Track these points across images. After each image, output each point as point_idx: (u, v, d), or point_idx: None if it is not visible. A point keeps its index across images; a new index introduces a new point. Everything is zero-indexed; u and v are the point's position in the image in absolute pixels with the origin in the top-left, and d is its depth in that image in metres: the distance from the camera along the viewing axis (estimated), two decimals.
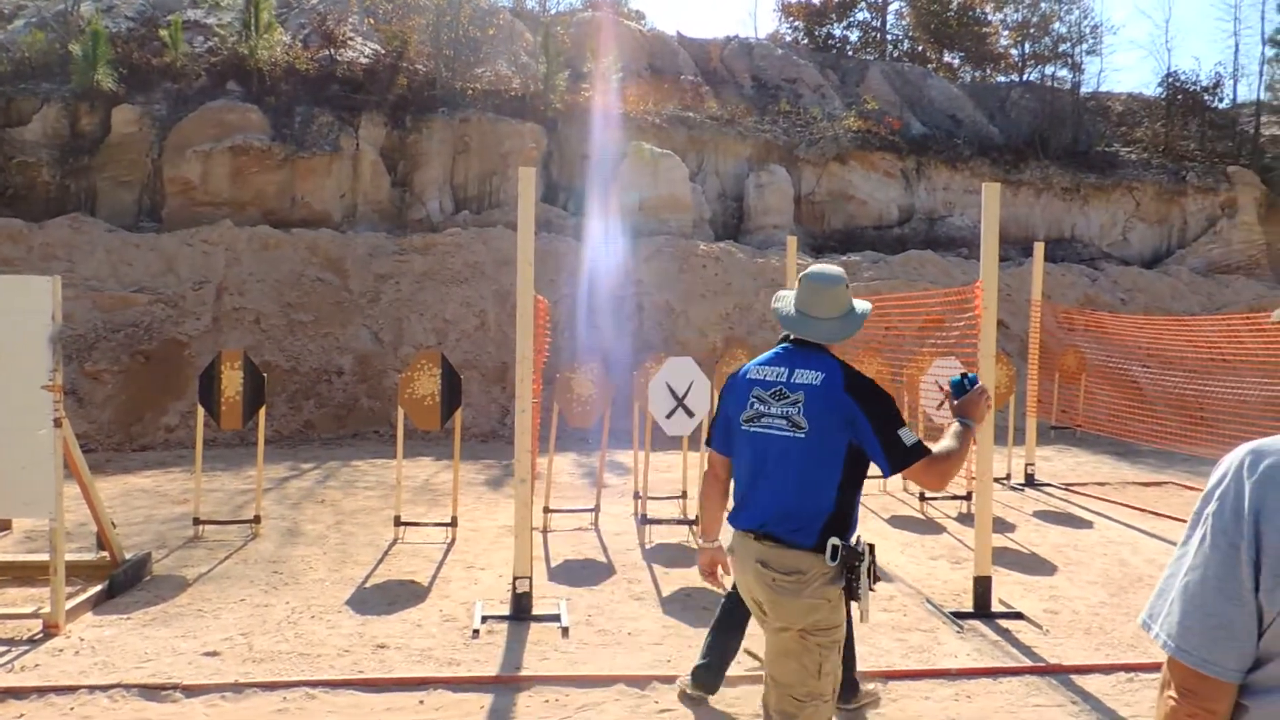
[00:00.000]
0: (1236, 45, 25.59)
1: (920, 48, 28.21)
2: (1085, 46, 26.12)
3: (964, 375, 3.08)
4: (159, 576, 6.36)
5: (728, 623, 4.42)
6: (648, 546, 7.39)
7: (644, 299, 15.55)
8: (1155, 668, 4.86)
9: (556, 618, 5.54)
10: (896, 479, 9.97)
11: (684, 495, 8.12)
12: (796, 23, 28.43)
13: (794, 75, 23.29)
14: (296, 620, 5.49)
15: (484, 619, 5.51)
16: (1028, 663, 4.96)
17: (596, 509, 8.24)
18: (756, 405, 2.98)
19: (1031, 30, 26.60)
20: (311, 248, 14.98)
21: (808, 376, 2.91)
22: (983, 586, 5.82)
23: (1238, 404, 10.76)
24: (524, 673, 4.74)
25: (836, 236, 19.86)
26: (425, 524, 7.64)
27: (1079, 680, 4.74)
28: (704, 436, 3.80)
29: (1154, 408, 12.02)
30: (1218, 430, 10.43)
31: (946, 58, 28.37)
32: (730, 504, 3.13)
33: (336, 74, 17.89)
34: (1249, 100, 25.24)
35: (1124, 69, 54.24)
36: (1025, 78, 26.42)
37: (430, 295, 14.82)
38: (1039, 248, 11.16)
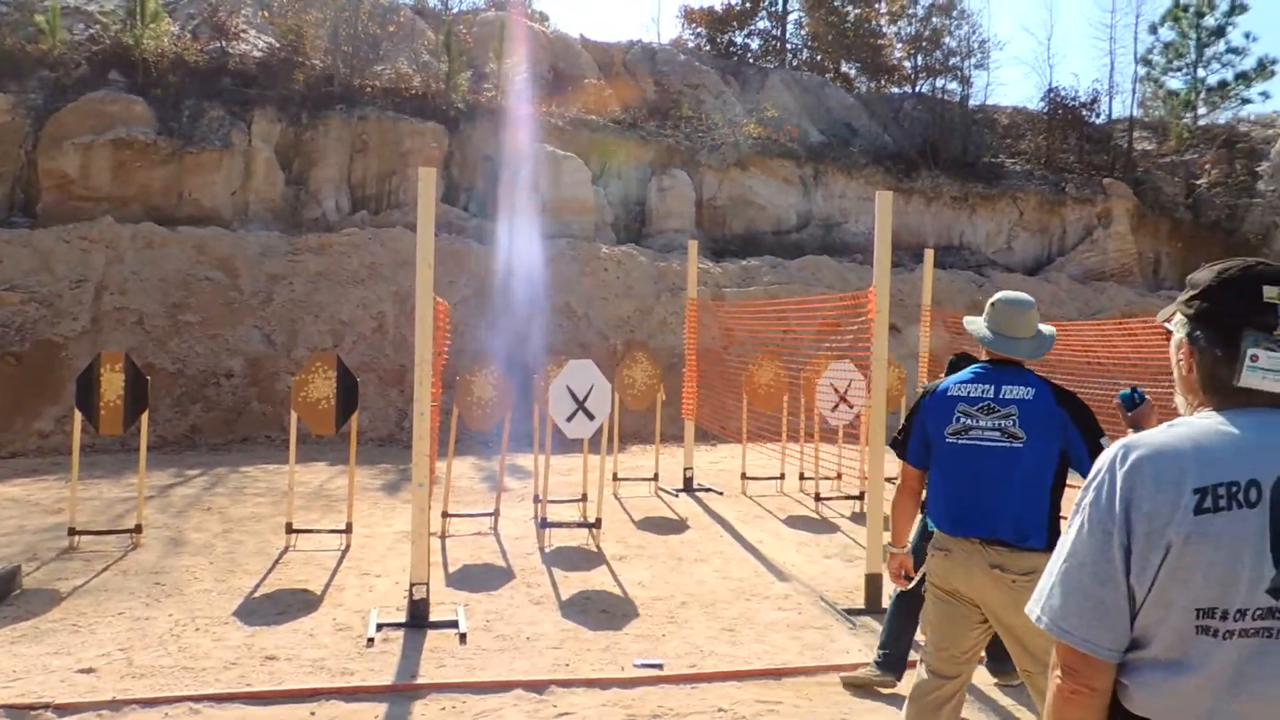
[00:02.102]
0: (1112, 64, 27.16)
1: (819, 57, 28.82)
2: (974, 61, 27.09)
3: (1133, 389, 3.26)
4: (29, 590, 6.04)
5: (905, 613, 4.68)
6: (548, 550, 7.36)
7: (546, 301, 15.49)
8: None
9: (454, 624, 5.48)
10: (793, 481, 10.17)
11: (584, 499, 8.12)
12: (699, 29, 28.72)
13: (696, 81, 23.54)
14: (180, 633, 5.28)
15: (379, 627, 5.40)
16: (914, 657, 5.11)
17: (496, 513, 8.17)
18: (964, 420, 3.28)
19: (924, 44, 27.46)
20: (200, 246, 14.45)
21: (1017, 392, 3.24)
22: (874, 583, 5.99)
23: (1111, 405, 11.32)
24: (420, 681, 4.67)
25: (737, 241, 20.14)
26: (318, 531, 7.45)
27: None
28: (604, 438, 3.84)
29: None
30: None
31: (844, 68, 29.06)
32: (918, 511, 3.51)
33: (228, 67, 17.28)
34: (1123, 116, 26.58)
35: (1009, 84, 56.48)
36: (918, 89, 27.26)
37: (326, 296, 14.47)
38: (929, 254, 11.54)
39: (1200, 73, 27.51)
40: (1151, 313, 17.26)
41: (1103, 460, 1.58)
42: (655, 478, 10.10)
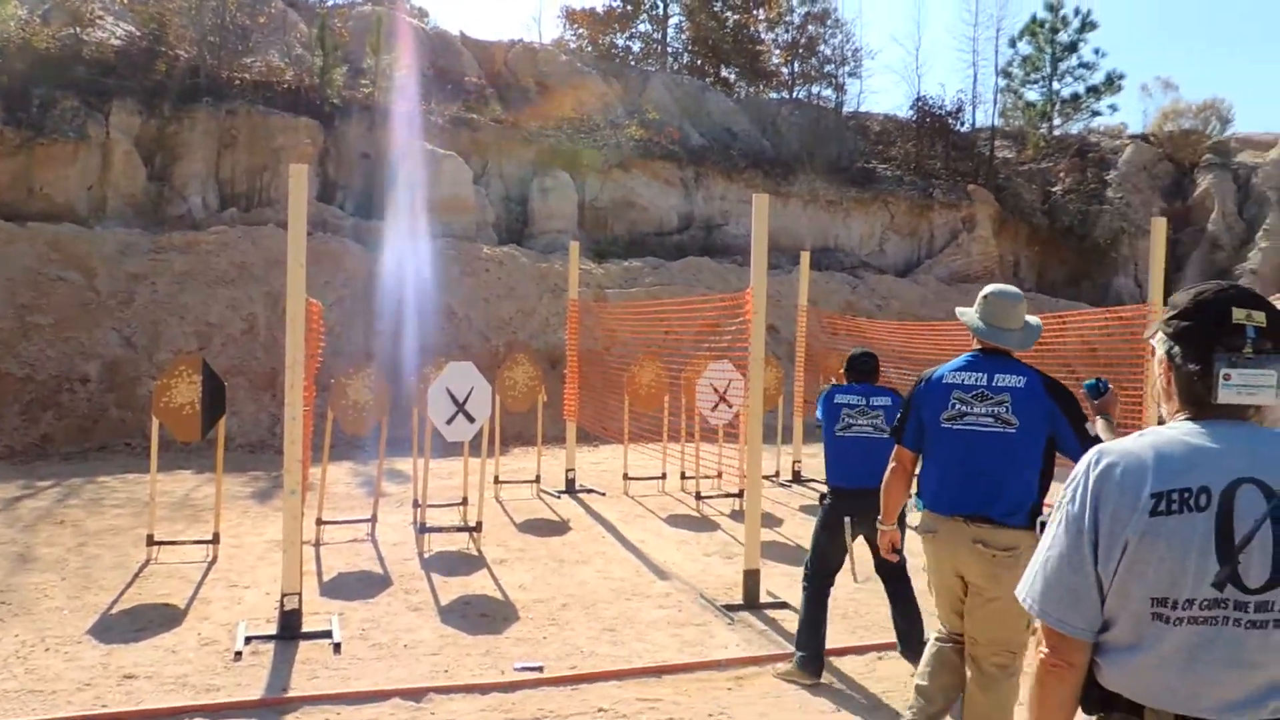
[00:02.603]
0: (975, 75, 28.34)
1: (699, 62, 29.23)
2: (847, 69, 28.03)
3: (1098, 380, 3.54)
4: None
5: (816, 600, 4.90)
6: (427, 555, 7.23)
7: (425, 302, 15.20)
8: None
9: (328, 634, 5.32)
10: (674, 481, 10.27)
11: (464, 502, 8.01)
12: (580, 30, 28.76)
13: (578, 82, 23.53)
14: (27, 655, 4.97)
15: (248, 640, 5.20)
16: (791, 649, 5.24)
17: (373, 519, 7.98)
18: (959, 406, 3.49)
19: (800, 51, 28.20)
20: (52, 243, 13.62)
21: (1009, 380, 3.44)
22: (752, 579, 6.10)
23: None
24: (291, 694, 4.52)
25: (620, 242, 20.23)
26: (182, 542, 7.13)
27: (836, 661, 5.07)
28: (484, 441, 3.88)
29: None
30: None
31: (723, 73, 29.56)
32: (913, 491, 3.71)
33: (83, 55, 16.34)
34: (985, 125, 27.87)
35: (881, 92, 58.75)
36: (795, 95, 27.96)
37: (192, 297, 13.85)
38: (805, 256, 11.84)
39: (1055, 85, 29.06)
40: None
41: (1080, 465, 1.79)
42: (537, 480, 10.05)
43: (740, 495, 9.14)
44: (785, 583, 6.65)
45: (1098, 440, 3.16)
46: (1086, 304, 20.93)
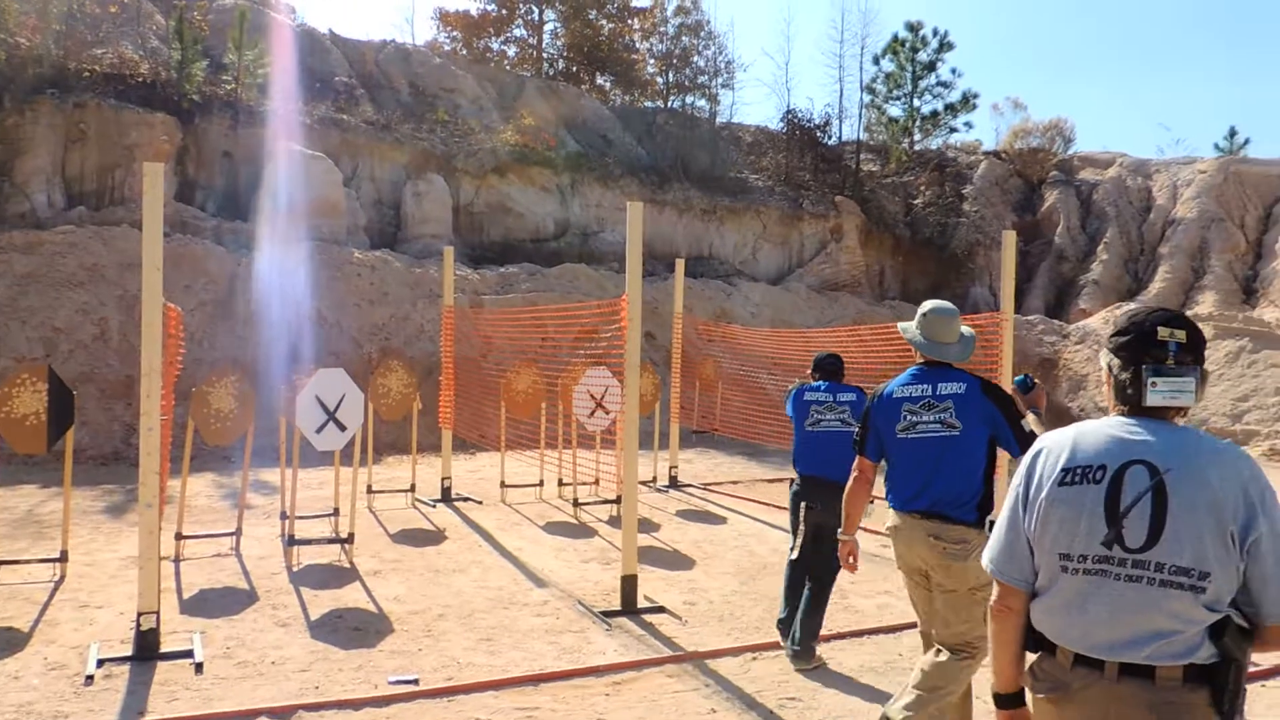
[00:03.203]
0: (841, 90, 29.17)
1: (575, 69, 29.30)
2: (720, 80, 28.56)
3: (1026, 376, 3.84)
4: None
5: (797, 582, 5.27)
6: (296, 569, 7.00)
7: (293, 308, 14.71)
8: (775, 646, 5.40)
9: (189, 653, 5.09)
10: (552, 488, 10.25)
11: (336, 513, 7.79)
12: (455, 33, 28.40)
13: (452, 85, 23.24)
14: None
15: (100, 663, 4.92)
16: (668, 652, 5.31)
17: (238, 532, 7.67)
18: (909, 417, 3.79)
19: (674, 61, 28.59)
20: None
21: (951, 388, 3.76)
22: (629, 585, 6.14)
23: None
24: (149, 717, 4.30)
25: (495, 248, 20.06)
26: (26, 561, 6.70)
27: (712, 664, 5.16)
28: (356, 450, 3.82)
29: (778, 411, 13.34)
30: None
31: (599, 80, 29.71)
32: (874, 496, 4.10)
33: None
34: (852, 139, 28.87)
35: (753, 104, 60.09)
36: (669, 105, 28.33)
37: (36, 300, 13.02)
38: (680, 264, 12.01)
39: (916, 102, 30.34)
40: (878, 321, 18.82)
41: (1032, 449, 2.23)
42: (412, 489, 9.86)
43: (618, 501, 9.21)
44: (662, 587, 6.73)
45: (1034, 435, 3.53)
46: None
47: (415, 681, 4.79)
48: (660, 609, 6.15)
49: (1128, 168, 27.72)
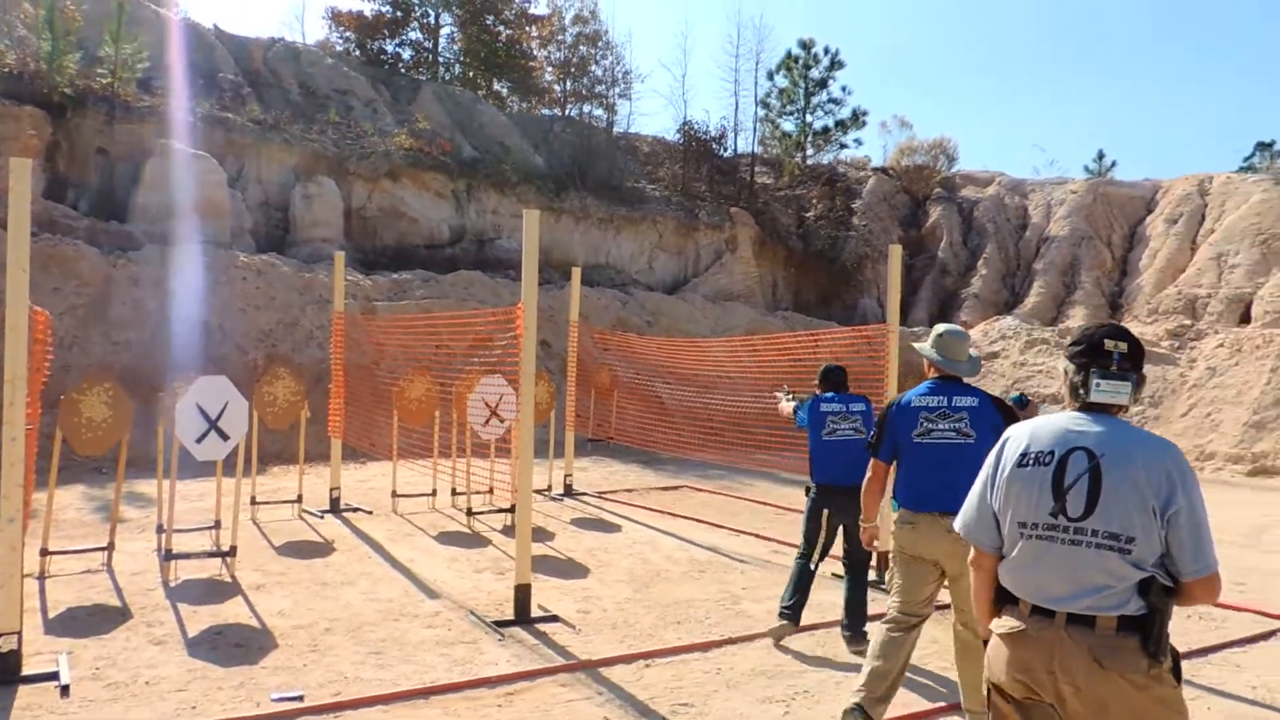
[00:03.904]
0: (736, 104, 29.83)
1: (471, 74, 29.03)
2: (618, 90, 28.76)
3: (1021, 394, 4.18)
4: None
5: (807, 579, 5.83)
6: (173, 585, 6.72)
7: (173, 312, 14.13)
8: (668, 652, 5.45)
9: (54, 675, 4.82)
10: (445, 497, 10.10)
11: (217, 525, 7.49)
12: (347, 33, 27.75)
13: (345, 86, 22.75)
14: None
15: None
16: (561, 661, 5.29)
17: (110, 547, 7.31)
18: (926, 424, 4.32)
19: (572, 70, 28.64)
20: None
21: (965, 401, 4.32)
22: (523, 594, 6.10)
23: (738, 415, 12.44)
24: None
25: (389, 253, 19.70)
26: None
27: (605, 672, 5.16)
28: (240, 460, 3.71)
29: (673, 419, 13.48)
30: (723, 438, 11.97)
31: (496, 86, 29.52)
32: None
33: None
34: (746, 152, 29.43)
35: (650, 114, 60.54)
36: (567, 113, 28.35)
37: None
38: (576, 272, 12.02)
39: (808, 118, 31.16)
40: (770, 330, 19.19)
41: (1001, 439, 2.71)
42: (299, 499, 9.58)
43: (512, 510, 9.13)
44: (556, 596, 6.71)
45: None
46: (836, 323, 22.51)
47: (300, 698, 4.65)
48: (554, 618, 6.13)
49: (1006, 186, 29.01)
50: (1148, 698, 2.37)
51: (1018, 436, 2.64)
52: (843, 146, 31.56)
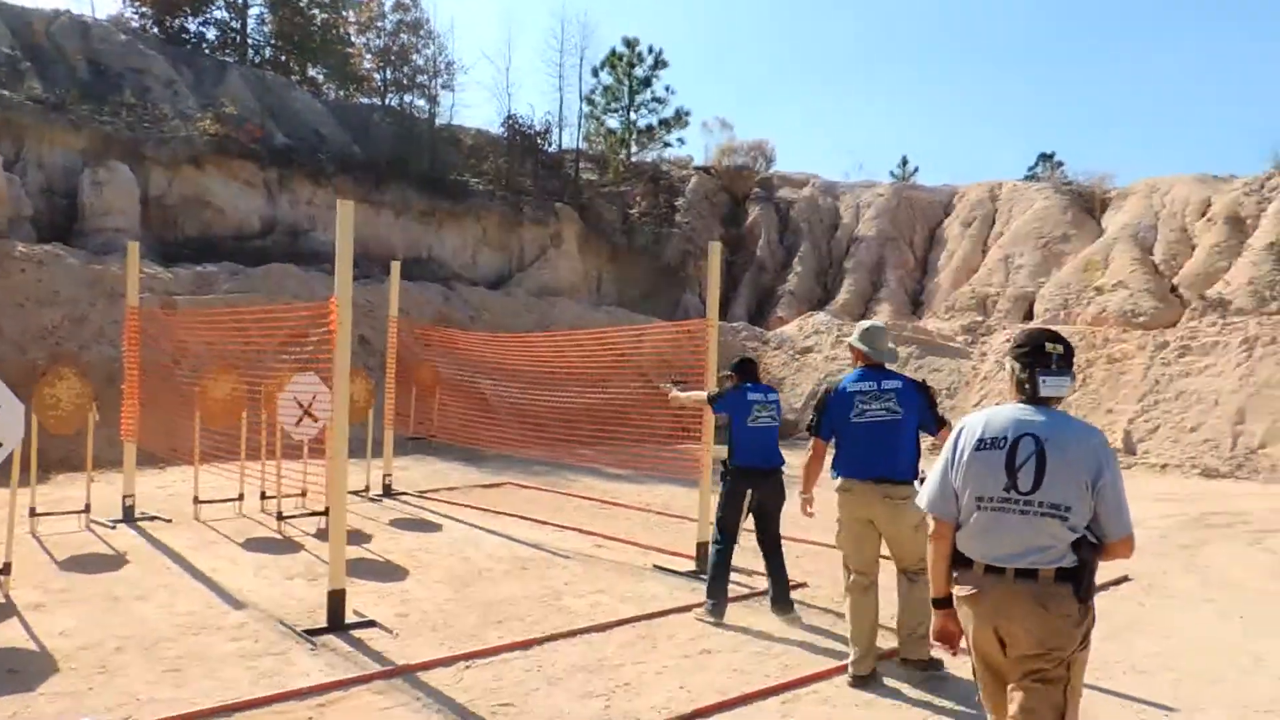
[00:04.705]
0: (561, 99, 29.69)
1: (284, 58, 27.67)
2: (440, 81, 28.07)
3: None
4: None
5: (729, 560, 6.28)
6: None
7: None
8: (488, 653, 5.37)
9: None
10: (254, 502, 9.59)
11: None
12: (143, 8, 25.81)
13: (141, 65, 21.20)
14: None
15: None
16: (378, 668, 5.11)
17: None
18: (861, 405, 5.06)
19: (392, 58, 27.77)
20: None
21: (891, 384, 5.11)
22: (337, 600, 5.85)
23: (563, 411, 12.42)
24: None
25: (192, 245, 18.52)
26: None
27: (424, 676, 5.02)
28: (15, 468, 3.42)
29: (497, 416, 13.31)
30: (546, 433, 11.91)
31: (310, 72, 28.27)
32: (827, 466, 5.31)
33: None
34: (571, 147, 29.45)
35: (473, 106, 59.76)
36: (386, 102, 27.49)
37: None
38: (396, 266, 11.67)
39: (632, 116, 31.51)
40: (595, 325, 19.28)
41: (957, 426, 3.21)
42: (87, 509, 8.83)
43: (326, 513, 8.76)
44: (373, 600, 6.48)
45: (944, 418, 5.23)
46: (660, 318, 22.89)
47: None
48: (371, 623, 5.91)
49: (819, 188, 30.32)
50: (1075, 634, 2.93)
51: (973, 425, 3.12)
52: (666, 145, 32.09)
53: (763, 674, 5.16)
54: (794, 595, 6.46)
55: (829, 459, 5.32)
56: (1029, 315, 22.63)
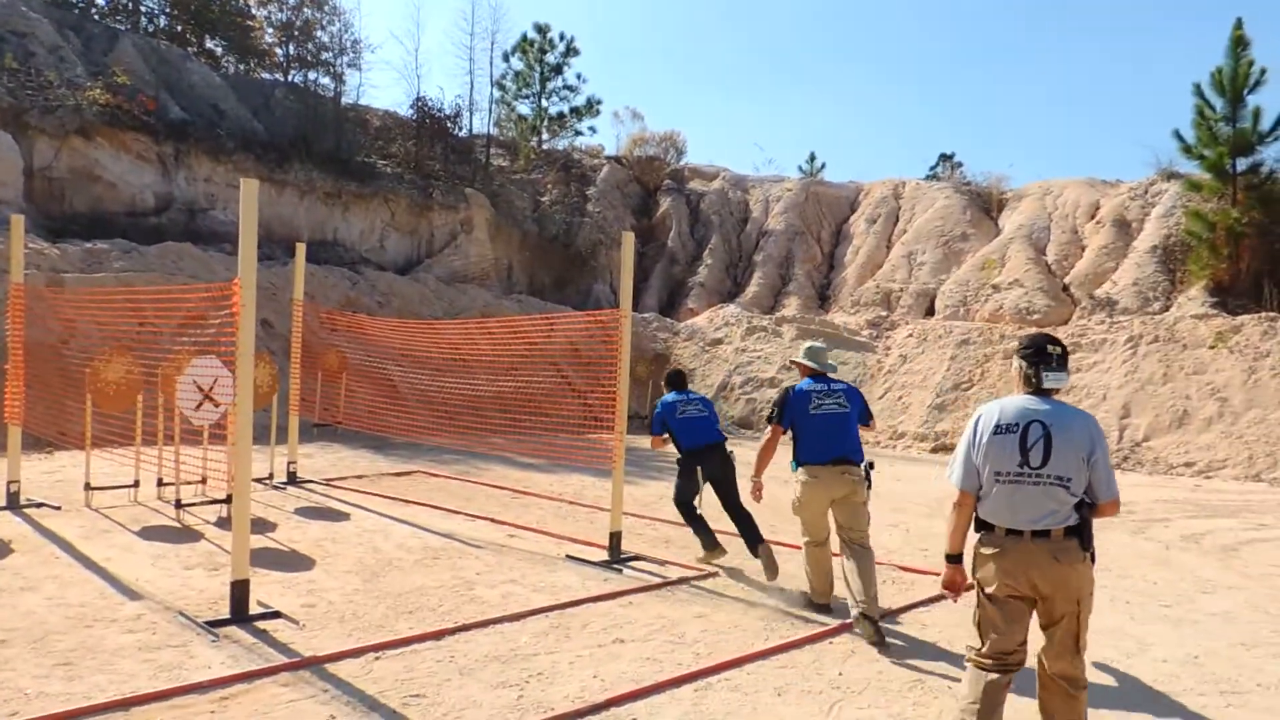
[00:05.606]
0: (472, 83, 29.26)
1: (180, 28, 26.54)
2: (346, 59, 27.33)
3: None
4: None
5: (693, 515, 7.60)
6: None
7: None
8: (399, 643, 5.28)
9: None
10: (150, 488, 9.22)
11: None
12: None
13: (24, 29, 20.06)
14: None
15: None
16: (283, 660, 4.98)
17: None
18: (818, 400, 6.14)
19: (296, 33, 26.92)
20: None
21: (838, 386, 6.30)
22: (240, 590, 5.67)
23: (473, 398, 12.29)
24: None
25: (81, 220, 17.65)
26: None
27: (331, 668, 4.91)
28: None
29: (406, 403, 13.09)
30: (457, 421, 11.77)
31: (209, 44, 27.19)
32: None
33: None
34: (482, 133, 29.07)
35: (381, 87, 58.40)
36: (290, 79, 26.64)
37: None
38: (301, 248, 11.34)
39: (544, 103, 31.28)
40: (505, 314, 19.12)
41: (974, 415, 3.91)
42: None
43: (228, 501, 8.48)
44: (279, 590, 6.32)
45: (869, 413, 6.46)
46: (570, 307, 22.81)
47: None
48: (276, 614, 5.75)
49: (729, 181, 30.62)
50: (1084, 577, 3.69)
51: (989, 412, 3.83)
52: (578, 134, 31.98)
53: (675, 662, 5.21)
54: (706, 585, 6.54)
55: (787, 454, 6.27)
56: (930, 311, 23.31)
